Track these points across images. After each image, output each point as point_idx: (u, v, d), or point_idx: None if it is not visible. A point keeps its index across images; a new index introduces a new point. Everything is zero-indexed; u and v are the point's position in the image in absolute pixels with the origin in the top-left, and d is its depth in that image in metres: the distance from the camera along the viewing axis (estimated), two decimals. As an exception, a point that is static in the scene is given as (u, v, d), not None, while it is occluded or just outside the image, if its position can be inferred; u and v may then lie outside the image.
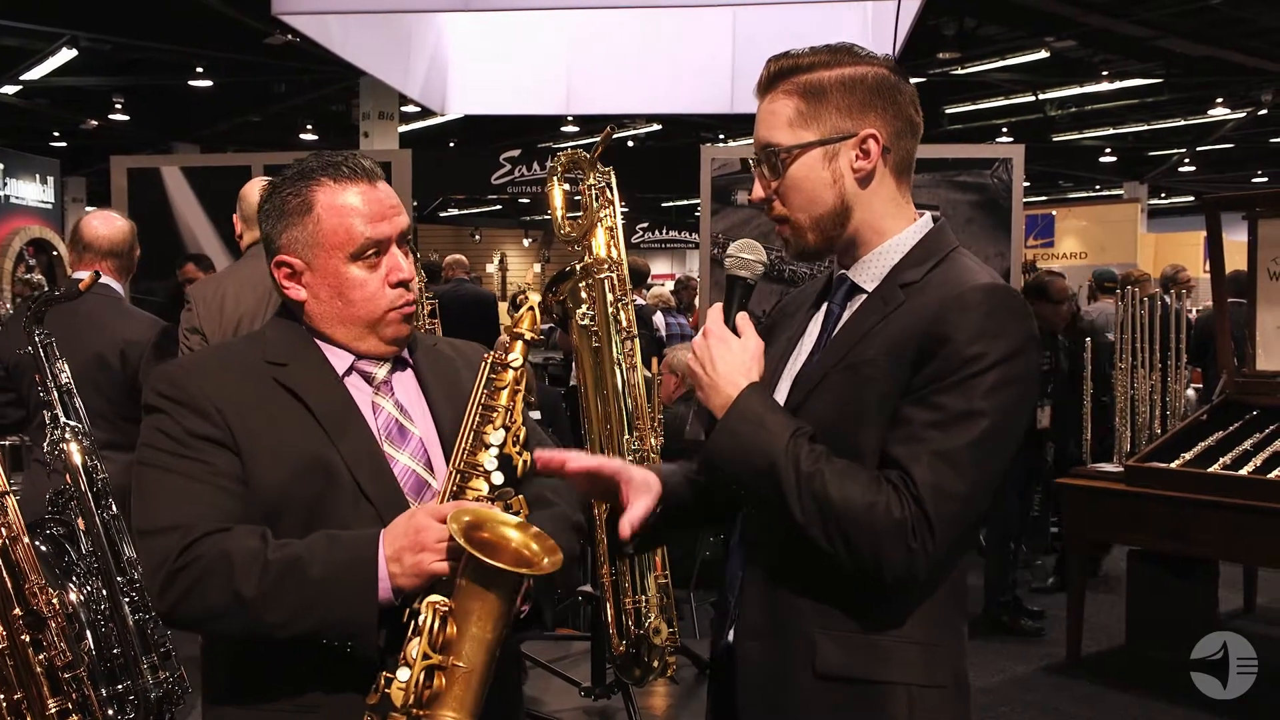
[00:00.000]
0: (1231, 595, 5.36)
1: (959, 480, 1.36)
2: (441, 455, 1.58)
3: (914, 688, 1.44)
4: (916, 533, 1.34)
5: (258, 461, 1.48)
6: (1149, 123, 15.44)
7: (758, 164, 1.52)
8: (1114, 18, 10.20)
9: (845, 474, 1.37)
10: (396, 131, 12.55)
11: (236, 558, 1.40)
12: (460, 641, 1.38)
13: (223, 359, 1.61)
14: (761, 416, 1.42)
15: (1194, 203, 21.73)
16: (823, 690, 1.44)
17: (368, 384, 1.59)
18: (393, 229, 1.56)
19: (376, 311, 1.55)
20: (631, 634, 2.73)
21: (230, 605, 1.40)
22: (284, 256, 1.56)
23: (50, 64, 11.48)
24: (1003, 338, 1.38)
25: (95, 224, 3.32)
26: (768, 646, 1.48)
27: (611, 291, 2.44)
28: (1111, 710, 4.25)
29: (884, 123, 1.48)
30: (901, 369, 1.41)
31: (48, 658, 1.83)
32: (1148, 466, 4.46)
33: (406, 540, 1.41)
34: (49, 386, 2.42)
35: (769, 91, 1.51)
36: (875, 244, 1.52)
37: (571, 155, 2.54)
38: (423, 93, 7.17)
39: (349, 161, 1.56)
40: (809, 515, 1.37)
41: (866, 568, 1.37)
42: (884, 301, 1.47)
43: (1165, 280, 7.99)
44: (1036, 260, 12.84)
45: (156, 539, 1.44)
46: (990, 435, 1.37)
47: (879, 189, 1.50)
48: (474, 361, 1.69)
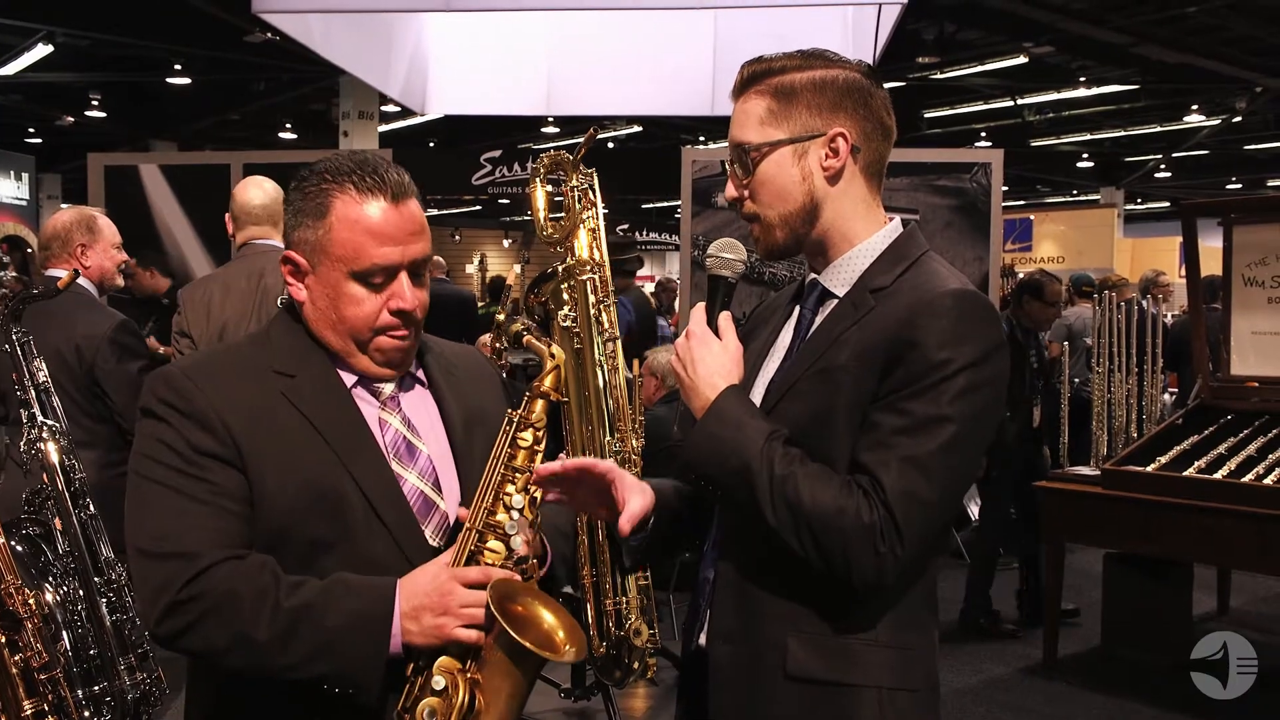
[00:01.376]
0: (1205, 598, 5.41)
1: (927, 485, 1.37)
2: (452, 473, 1.54)
3: (884, 690, 1.45)
4: (885, 537, 1.36)
5: (265, 481, 1.42)
6: (1126, 129, 15.58)
7: (730, 163, 1.55)
8: (1092, 24, 10.29)
9: (817, 478, 1.39)
10: (376, 131, 12.51)
11: (246, 597, 1.36)
12: (486, 718, 1.37)
13: (227, 365, 1.52)
14: (739, 419, 1.44)
15: (1170, 208, 21.95)
16: (793, 692, 1.45)
17: (375, 399, 1.54)
18: (404, 255, 1.47)
19: (366, 332, 1.49)
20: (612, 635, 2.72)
21: (236, 646, 1.37)
22: (291, 254, 1.51)
23: (26, 59, 11.37)
24: (970, 343, 1.40)
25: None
26: (738, 649, 1.49)
27: (593, 293, 2.43)
28: (1086, 711, 4.29)
29: (854, 123, 1.50)
30: (871, 375, 1.42)
31: (23, 659, 1.82)
32: (1124, 470, 4.50)
33: (429, 600, 1.38)
34: (26, 385, 2.40)
35: (743, 94, 1.54)
36: (845, 248, 1.53)
37: (554, 157, 2.52)
38: (403, 92, 7.14)
39: (380, 171, 1.47)
40: (780, 518, 1.39)
41: (836, 571, 1.38)
42: (854, 307, 1.49)
43: (1144, 285, 8.07)
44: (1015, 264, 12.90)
45: (158, 563, 1.39)
46: (958, 440, 1.39)
47: (848, 189, 1.52)
48: (476, 372, 1.69)
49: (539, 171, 2.53)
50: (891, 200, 6.96)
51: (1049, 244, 17.56)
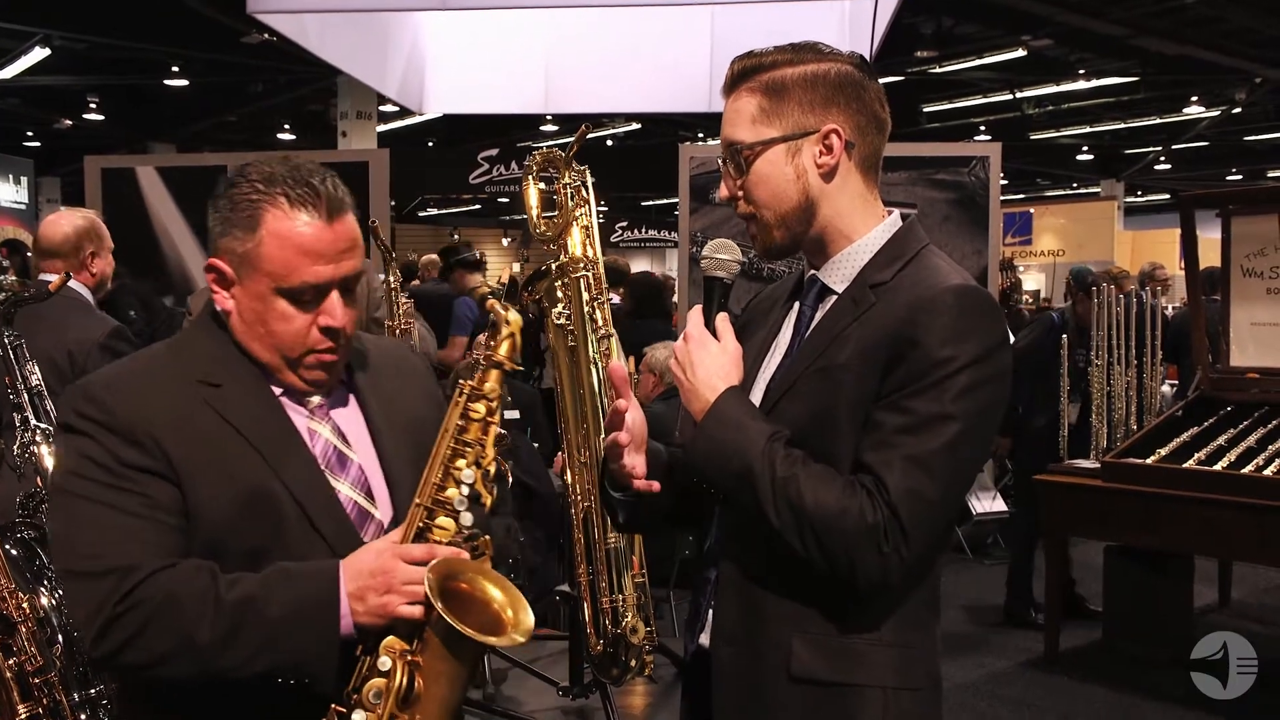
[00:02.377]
0: (1207, 590, 5.40)
1: (932, 484, 1.36)
2: (382, 483, 1.51)
3: (889, 690, 1.44)
4: (889, 537, 1.34)
5: (198, 493, 1.37)
6: (1125, 121, 15.57)
7: (723, 162, 1.53)
8: (1090, 17, 10.28)
9: (820, 479, 1.37)
10: (375, 131, 12.50)
11: (186, 600, 1.31)
12: (426, 702, 1.35)
13: (148, 376, 1.46)
14: (739, 420, 1.42)
15: (1170, 200, 21.92)
16: (797, 693, 1.44)
17: (302, 408, 1.49)
18: (335, 273, 1.42)
19: (295, 350, 1.44)
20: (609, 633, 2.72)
21: (181, 650, 1.32)
22: (217, 261, 1.45)
23: (23, 63, 11.37)
24: (973, 340, 1.38)
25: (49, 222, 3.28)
26: (742, 650, 1.48)
27: (587, 290, 2.44)
28: (1088, 705, 4.28)
29: (847, 118, 1.48)
30: (873, 373, 1.40)
31: (18, 662, 1.82)
32: (1124, 463, 4.49)
33: (373, 580, 1.34)
34: (19, 389, 2.39)
35: (733, 91, 1.51)
36: (843, 244, 1.51)
37: (546, 154, 2.53)
38: (400, 92, 7.15)
39: (313, 183, 1.41)
40: (784, 519, 1.37)
41: (840, 572, 1.37)
42: (854, 303, 1.47)
43: (1143, 277, 8.05)
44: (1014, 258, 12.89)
45: (93, 582, 1.33)
46: (961, 438, 1.37)
47: (845, 185, 1.50)
48: (403, 368, 1.64)
49: (531, 169, 2.54)
50: (889, 195, 6.95)
51: (1049, 237, 17.55)
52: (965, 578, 6.05)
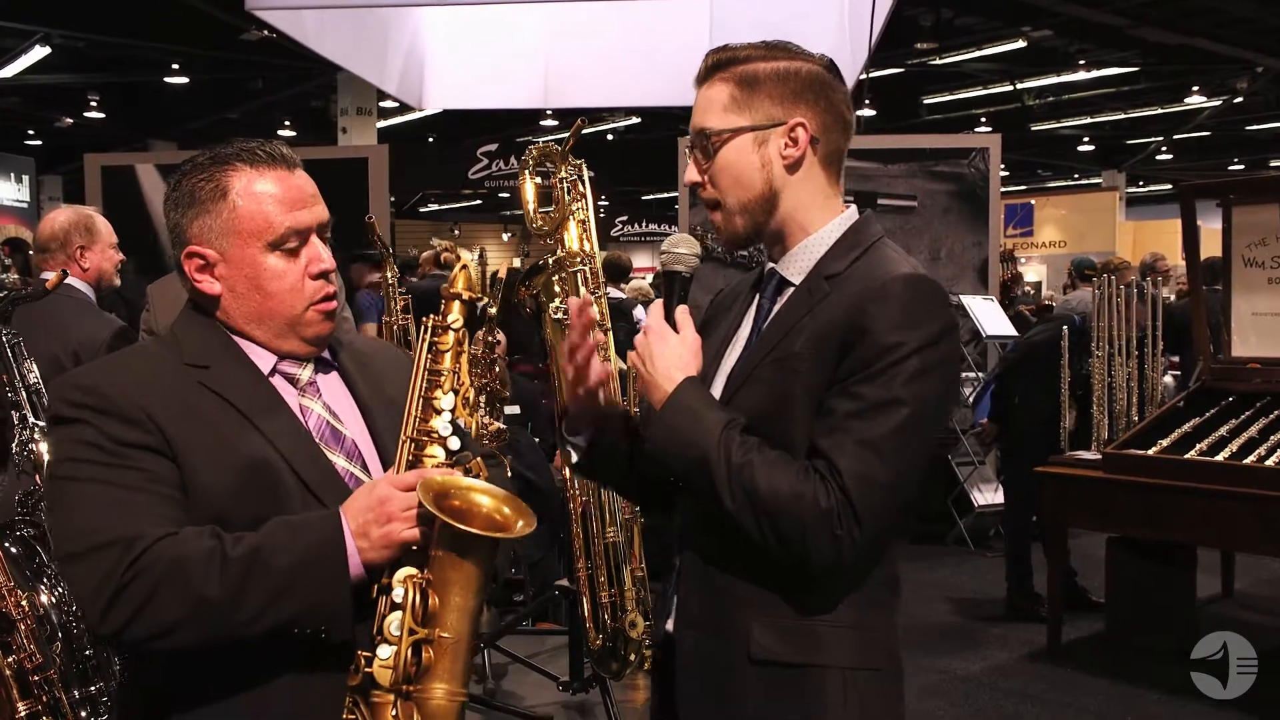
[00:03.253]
0: (1210, 580, 5.40)
1: (883, 468, 1.39)
2: (376, 458, 1.53)
3: (847, 670, 1.47)
4: (843, 521, 1.38)
5: (197, 468, 1.38)
6: (1126, 111, 15.53)
7: (692, 148, 1.57)
8: (1090, 7, 10.25)
9: (774, 465, 1.41)
10: (375, 127, 12.50)
11: (192, 561, 1.30)
12: (443, 613, 1.37)
13: (137, 361, 1.50)
14: (696, 410, 1.46)
15: (1172, 190, 21.87)
16: (758, 676, 1.47)
17: (293, 386, 1.51)
18: (313, 218, 1.48)
19: (297, 306, 1.47)
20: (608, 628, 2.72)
21: (192, 612, 1.31)
22: (195, 247, 1.46)
23: (23, 61, 11.37)
24: (921, 327, 1.42)
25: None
26: (704, 635, 1.52)
27: (584, 285, 2.44)
28: (1091, 696, 4.28)
29: (814, 114, 1.52)
30: (826, 361, 1.44)
31: (17, 660, 1.81)
32: (1125, 454, 4.48)
33: (372, 514, 1.36)
34: (16, 386, 2.39)
35: (707, 80, 1.56)
36: (801, 236, 1.56)
37: (542, 149, 2.53)
38: (400, 87, 7.13)
39: (265, 147, 1.49)
40: (739, 505, 1.41)
41: (795, 555, 1.40)
42: (809, 294, 1.52)
43: (1144, 268, 8.04)
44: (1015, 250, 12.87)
45: (95, 557, 1.31)
46: (912, 422, 1.41)
47: (807, 179, 1.54)
48: (392, 362, 1.67)
49: (528, 164, 2.54)
50: (890, 187, 6.93)
51: (1050, 228, 17.52)
52: (967, 570, 6.06)
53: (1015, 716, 4.12)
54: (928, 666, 4.53)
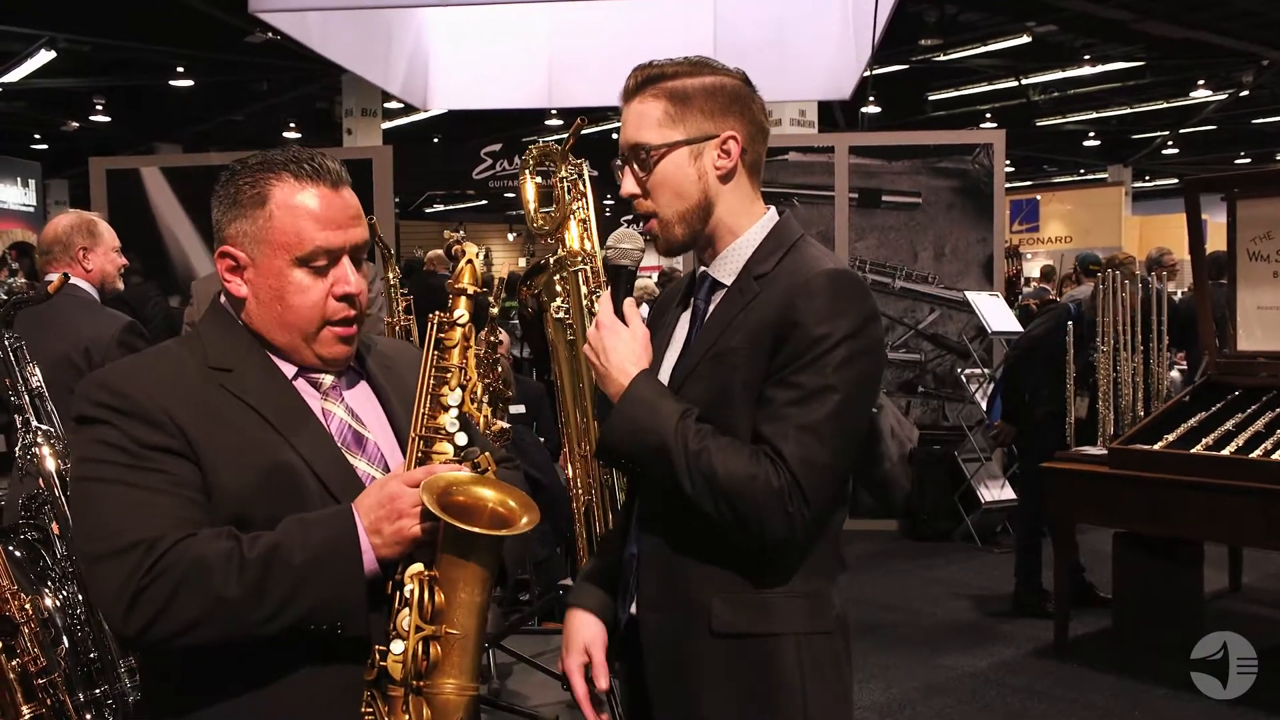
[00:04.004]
0: (1217, 575, 5.38)
1: (822, 449, 1.51)
2: (400, 459, 1.52)
3: (801, 636, 1.59)
4: (793, 499, 1.49)
5: (218, 470, 1.39)
6: (1131, 106, 15.49)
7: (627, 161, 1.65)
8: (1094, 2, 10.22)
9: (727, 450, 1.51)
10: (380, 128, 12.51)
11: (211, 562, 1.32)
12: (450, 609, 1.39)
13: (162, 364, 1.49)
14: (652, 401, 1.56)
15: (1178, 185, 21.79)
16: (720, 648, 1.58)
17: (315, 390, 1.53)
18: (346, 239, 1.47)
19: (314, 322, 1.47)
20: (612, 627, 2.72)
21: (212, 611, 1.32)
22: (229, 248, 1.48)
23: (29, 65, 11.42)
24: (846, 317, 1.53)
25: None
26: (667, 615, 1.62)
27: (585, 284, 2.43)
28: (1096, 692, 4.27)
29: (741, 126, 1.63)
30: (761, 355, 1.55)
31: (21, 664, 1.82)
32: (1131, 449, 4.47)
33: (383, 510, 1.39)
34: (19, 390, 2.40)
35: (637, 95, 1.64)
36: (730, 240, 1.66)
37: (542, 148, 2.52)
38: (404, 88, 7.15)
39: (315, 160, 1.48)
40: (698, 488, 1.51)
41: (751, 532, 1.51)
42: (741, 293, 1.62)
43: (1150, 263, 8.02)
44: (1021, 245, 12.85)
45: (117, 560, 1.33)
46: (845, 405, 1.52)
47: (736, 186, 1.65)
48: (413, 360, 1.66)
49: (528, 164, 2.54)
50: (895, 183, 6.92)
51: (1056, 224, 17.49)
52: (974, 566, 6.05)
53: (1022, 712, 4.11)
54: (934, 663, 4.52)
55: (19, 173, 13.28)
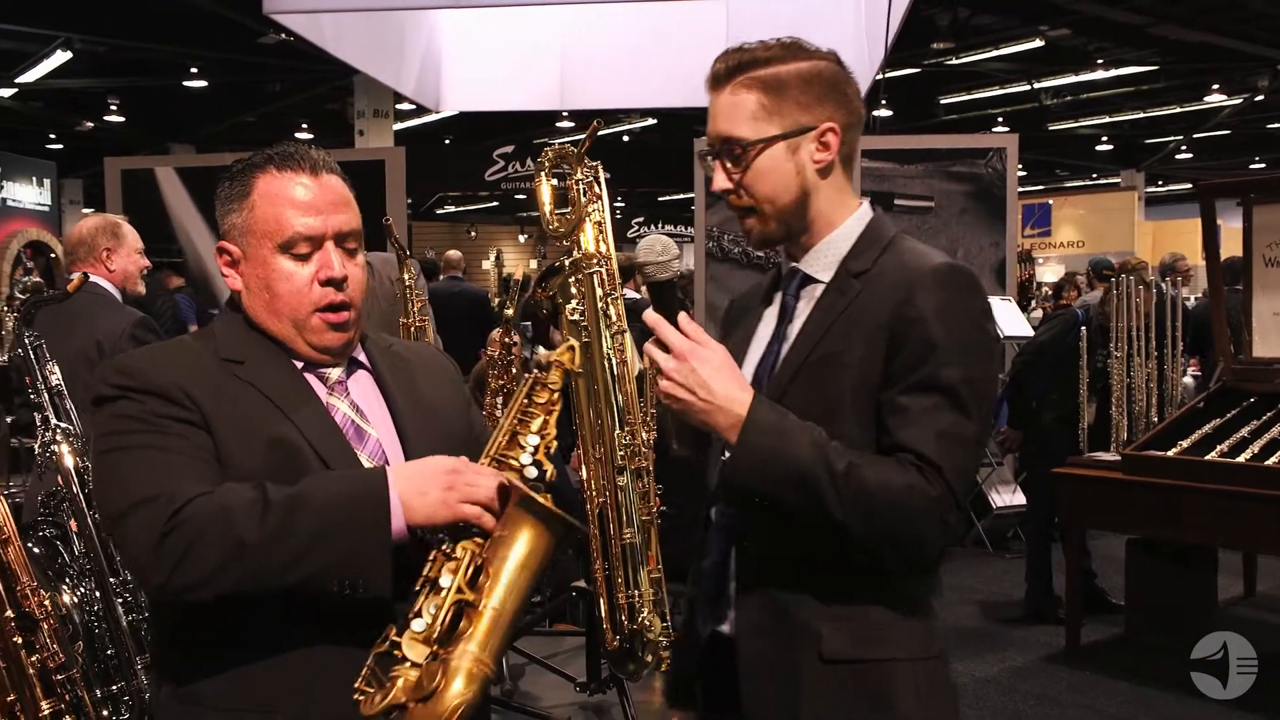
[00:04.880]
0: (1232, 582, 5.36)
1: (966, 456, 1.45)
2: (402, 458, 1.53)
3: (916, 662, 1.51)
4: (949, 508, 1.42)
5: (230, 448, 1.42)
6: (1145, 110, 15.43)
7: (718, 156, 1.56)
8: (1107, 5, 10.19)
9: (876, 464, 1.42)
10: (391, 129, 12.54)
11: (235, 509, 1.33)
12: (495, 585, 1.37)
13: (175, 352, 1.55)
14: (779, 426, 1.44)
15: (1192, 190, 21.69)
16: (829, 675, 1.49)
17: (322, 384, 1.55)
18: (326, 226, 1.49)
19: (301, 309, 1.49)
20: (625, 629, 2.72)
21: (232, 556, 1.32)
22: (223, 243, 1.54)
23: (45, 66, 11.47)
24: (966, 314, 1.46)
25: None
26: (771, 641, 1.52)
27: (601, 286, 2.42)
28: (1108, 698, 4.26)
29: (839, 115, 1.53)
30: (874, 360, 1.46)
31: (40, 659, 1.83)
32: (1145, 455, 4.46)
33: (442, 478, 1.39)
34: (39, 388, 2.42)
35: (726, 84, 1.54)
36: (824, 234, 1.57)
37: (558, 150, 2.51)
38: (416, 90, 7.16)
39: (299, 152, 1.52)
40: (850, 510, 1.40)
41: (905, 549, 1.44)
42: (841, 292, 1.53)
43: (1163, 268, 8.00)
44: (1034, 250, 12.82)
45: (136, 514, 1.34)
46: (974, 407, 1.45)
47: (833, 180, 1.56)
48: (432, 366, 1.70)
49: (543, 165, 2.53)
50: (907, 187, 6.91)
51: (1068, 228, 17.44)
52: (985, 572, 6.03)
53: (1033, 719, 4.10)
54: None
55: (34, 172, 13.32)
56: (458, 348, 3.30)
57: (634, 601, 2.77)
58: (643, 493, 2.64)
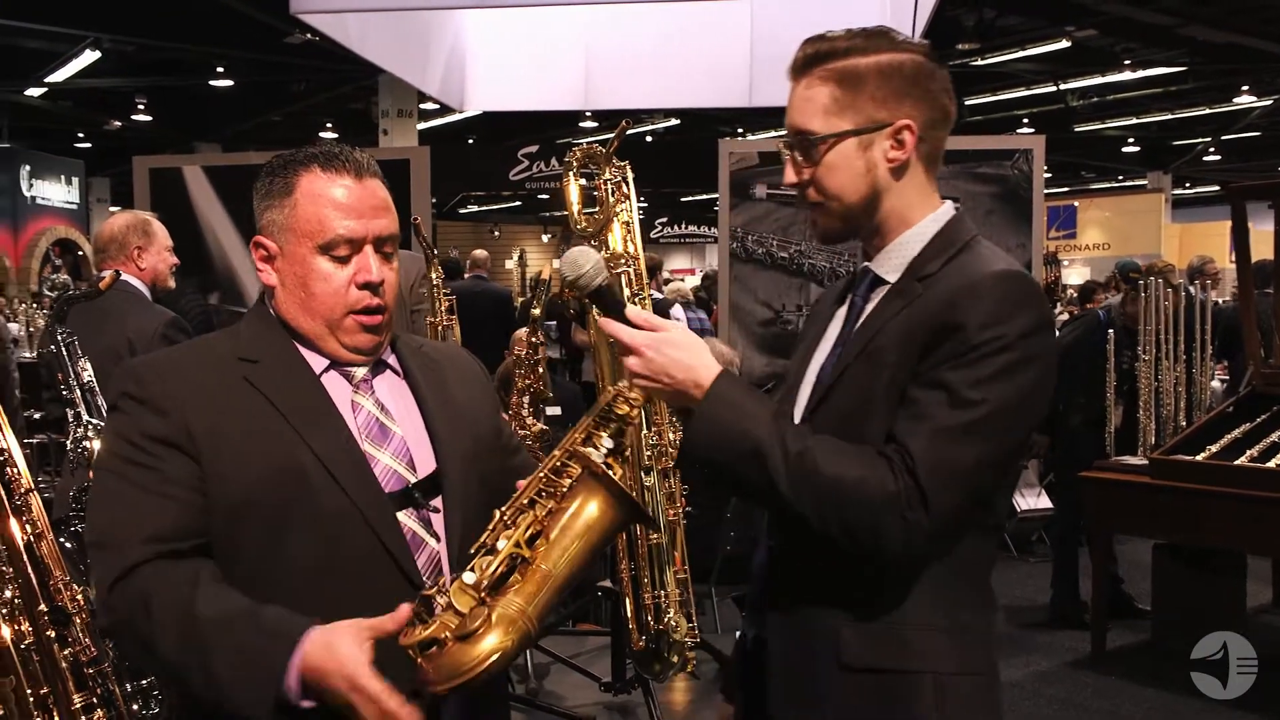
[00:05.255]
0: (1260, 589, 5.30)
1: (959, 456, 1.35)
2: (429, 452, 1.54)
3: (943, 676, 1.42)
4: (911, 505, 1.33)
5: (221, 463, 1.42)
6: (1173, 111, 15.29)
7: (790, 148, 1.51)
8: (1135, 6, 10.11)
9: (835, 450, 1.37)
10: (415, 129, 12.58)
11: (157, 610, 1.35)
12: (551, 549, 1.37)
13: (194, 355, 1.56)
14: (739, 401, 1.42)
15: (1219, 192, 21.51)
16: (848, 682, 1.44)
17: (348, 382, 1.54)
18: (367, 230, 1.49)
19: (337, 310, 1.50)
20: (651, 629, 2.72)
21: (147, 656, 1.40)
22: (260, 238, 1.53)
23: (74, 66, 11.59)
24: (1013, 322, 1.37)
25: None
26: (794, 640, 1.49)
27: (629, 286, 2.44)
28: (1133, 704, 4.22)
29: (919, 111, 1.47)
30: (911, 356, 1.40)
31: (72, 653, 1.84)
32: (1172, 459, 4.42)
33: (339, 680, 1.30)
34: (71, 385, 2.44)
35: (804, 75, 1.50)
36: (898, 234, 1.51)
37: (587, 150, 2.53)
38: (441, 89, 7.18)
39: (344, 153, 1.52)
40: (799, 493, 1.36)
41: (863, 543, 1.36)
42: (901, 294, 1.47)
43: (1192, 271, 7.92)
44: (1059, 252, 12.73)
45: (96, 555, 1.43)
46: (995, 416, 1.36)
47: (910, 179, 1.50)
48: (461, 368, 1.69)
49: (572, 165, 2.54)
50: (934, 187, 6.87)
51: (1094, 231, 17.32)
52: (1010, 576, 5.99)
53: (1059, 724, 4.08)
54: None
55: (63, 171, 13.50)
56: (481, 347, 3.32)
57: (660, 602, 2.78)
58: (669, 493, 2.65)
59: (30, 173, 12.76)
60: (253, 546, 1.43)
